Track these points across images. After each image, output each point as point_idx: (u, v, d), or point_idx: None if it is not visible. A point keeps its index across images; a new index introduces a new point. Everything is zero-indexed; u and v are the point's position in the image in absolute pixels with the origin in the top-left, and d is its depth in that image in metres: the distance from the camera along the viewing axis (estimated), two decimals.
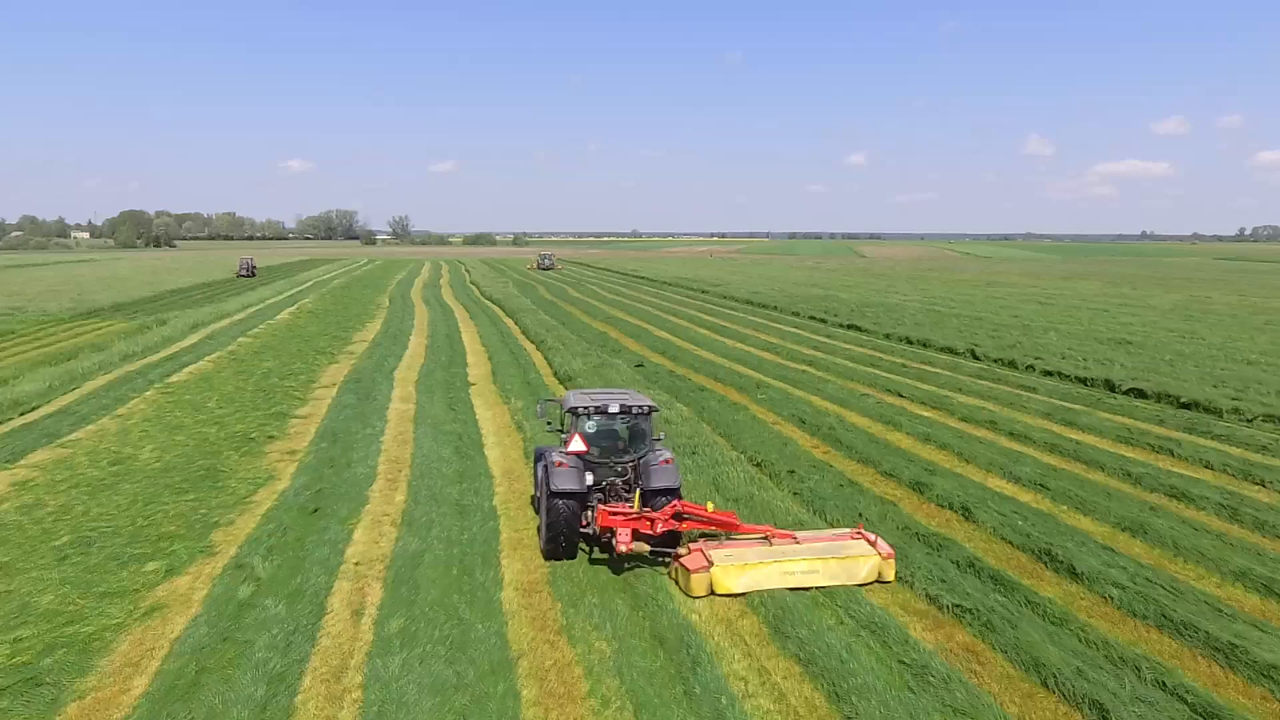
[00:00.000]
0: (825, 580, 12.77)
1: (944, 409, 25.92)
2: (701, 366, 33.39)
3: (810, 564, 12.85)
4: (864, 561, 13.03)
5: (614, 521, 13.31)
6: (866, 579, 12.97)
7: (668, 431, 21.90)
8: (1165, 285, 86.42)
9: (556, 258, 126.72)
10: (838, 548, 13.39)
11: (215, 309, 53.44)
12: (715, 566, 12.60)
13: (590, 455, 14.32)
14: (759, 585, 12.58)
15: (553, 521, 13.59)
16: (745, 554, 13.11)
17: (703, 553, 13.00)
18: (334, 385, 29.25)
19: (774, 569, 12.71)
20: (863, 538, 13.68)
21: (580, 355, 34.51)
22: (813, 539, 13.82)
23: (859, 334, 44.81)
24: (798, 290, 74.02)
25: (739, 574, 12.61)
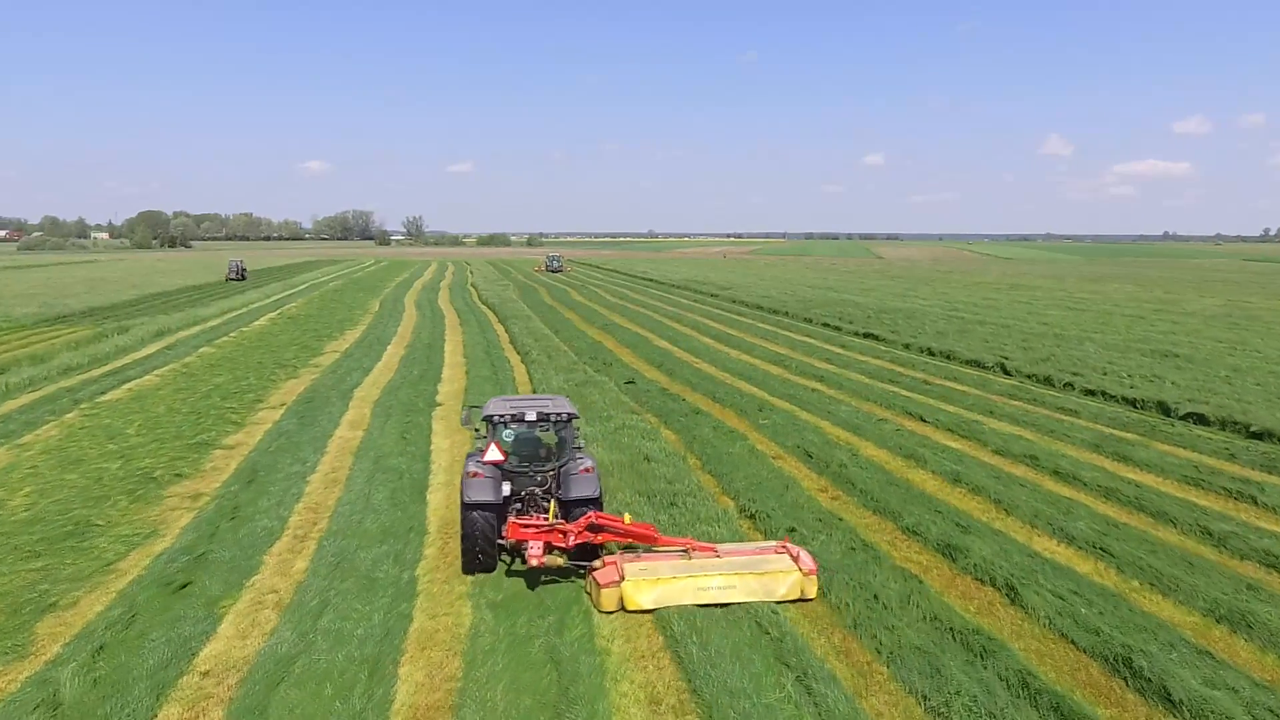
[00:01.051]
0: (742, 596, 12.25)
1: (974, 438, 22.34)
2: (700, 383, 29.90)
3: (727, 579, 12.36)
4: (784, 578, 12.48)
5: (525, 534, 12.80)
6: (786, 596, 12.42)
7: (644, 470, 18.48)
8: (1199, 288, 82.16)
9: (565, 259, 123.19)
10: (758, 562, 12.83)
11: (190, 314, 50.37)
12: (626, 581, 12.14)
13: (508, 465, 13.90)
14: (671, 601, 12.09)
15: (467, 534, 13.15)
16: (660, 568, 12.59)
17: (617, 566, 12.52)
18: (282, 406, 25.96)
19: (688, 584, 12.24)
20: (786, 551, 13.11)
21: (565, 370, 31.08)
22: (735, 552, 13.29)
23: (876, 344, 41.16)
24: (811, 294, 70.36)
25: (651, 589, 12.15)
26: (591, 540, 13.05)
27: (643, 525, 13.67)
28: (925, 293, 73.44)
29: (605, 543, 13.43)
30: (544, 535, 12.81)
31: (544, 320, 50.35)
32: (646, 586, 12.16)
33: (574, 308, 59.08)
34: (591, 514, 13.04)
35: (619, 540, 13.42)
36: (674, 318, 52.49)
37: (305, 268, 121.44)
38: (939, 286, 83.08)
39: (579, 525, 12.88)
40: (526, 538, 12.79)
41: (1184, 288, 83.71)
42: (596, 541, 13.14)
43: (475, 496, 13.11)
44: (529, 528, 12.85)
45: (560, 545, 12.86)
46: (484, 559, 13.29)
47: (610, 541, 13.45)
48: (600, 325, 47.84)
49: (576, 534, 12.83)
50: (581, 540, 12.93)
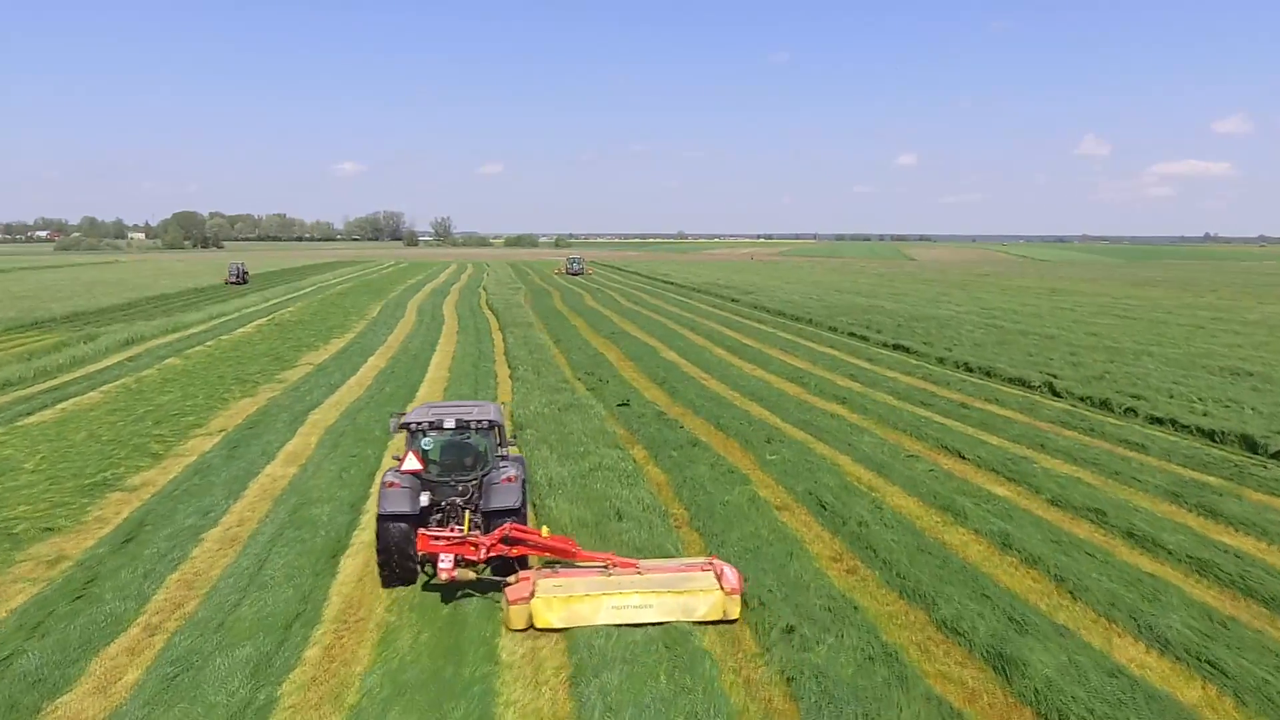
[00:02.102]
0: (659, 616, 11.72)
1: (1024, 482, 18.55)
2: (704, 405, 26.27)
3: (644, 598, 11.81)
4: (704, 597, 11.92)
5: (435, 547, 12.28)
6: (707, 616, 11.86)
7: (611, 532, 14.92)
8: (1256, 294, 77.04)
9: (587, 262, 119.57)
10: (678, 580, 12.25)
11: (173, 321, 47.47)
12: (536, 598, 11.69)
13: (429, 474, 13.42)
14: (584, 620, 11.58)
15: (383, 547, 12.71)
16: (575, 585, 12.07)
17: (531, 582, 12.00)
18: (221, 433, 22.70)
19: (602, 602, 11.73)
20: (712, 569, 12.45)
21: (551, 390, 27.57)
22: (658, 569, 12.65)
23: (906, 357, 37.24)
24: (838, 299, 66.34)
25: (562, 607, 11.65)
26: (507, 554, 12.50)
27: (562, 539, 13.09)
28: (959, 298, 69.16)
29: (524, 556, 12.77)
30: (455, 548, 12.26)
31: (548, 328, 46.92)
32: (558, 604, 11.64)
33: (584, 314, 55.60)
34: (507, 526, 12.47)
35: (537, 554, 12.84)
36: (688, 325, 48.83)
37: (321, 269, 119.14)
38: (974, 291, 78.67)
39: (493, 538, 12.33)
40: (437, 550, 12.24)
41: (1238, 293, 78.62)
42: (512, 555, 12.56)
43: (390, 507, 12.64)
44: (439, 540, 12.30)
45: (472, 558, 12.33)
46: (400, 572, 12.86)
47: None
48: (607, 334, 44.29)
49: (489, 547, 12.29)
50: (497, 553, 12.42)
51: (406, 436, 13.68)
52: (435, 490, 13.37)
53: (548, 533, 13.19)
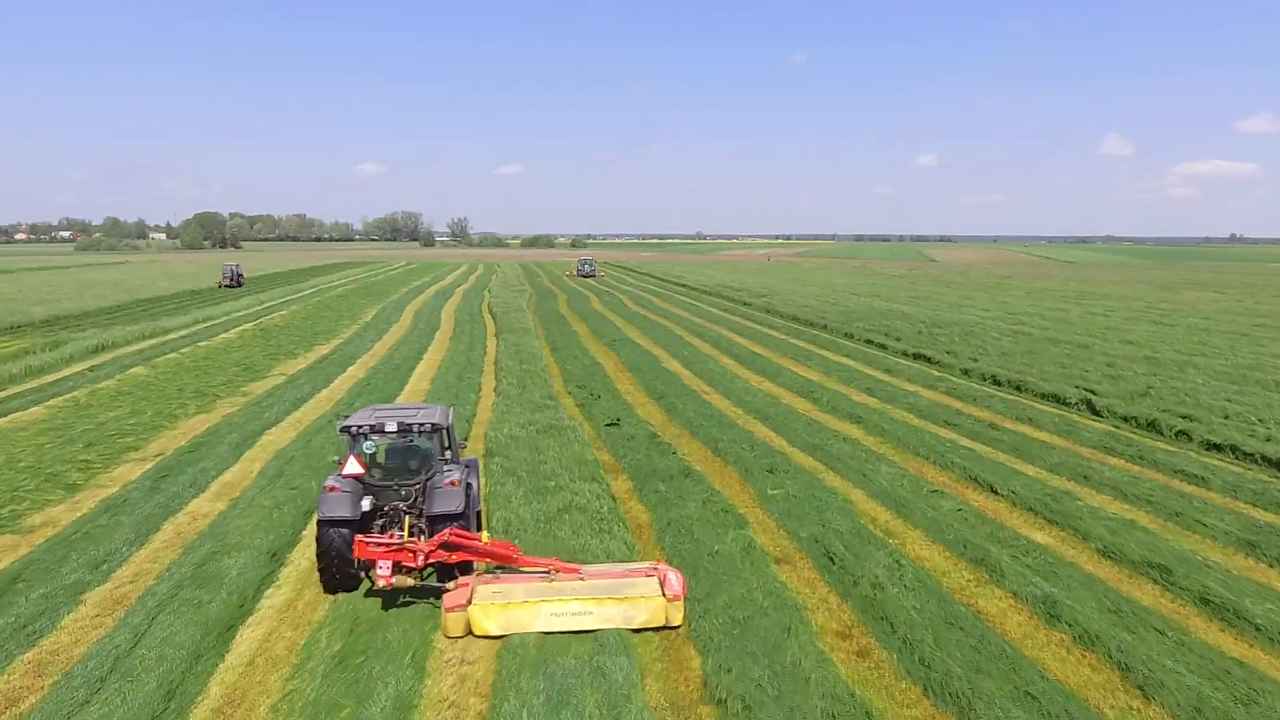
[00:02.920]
0: (599, 624, 11.34)
1: (1069, 525, 15.82)
2: (703, 425, 23.63)
3: (584, 605, 11.47)
4: (645, 604, 11.56)
5: (372, 553, 11.89)
6: (647, 623, 11.51)
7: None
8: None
9: (598, 263, 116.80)
10: (619, 587, 11.92)
11: (152, 325, 45.23)
12: (473, 605, 11.40)
13: (371, 478, 13.14)
14: (521, 627, 11.31)
15: (322, 552, 12.46)
16: (514, 591, 11.86)
17: (470, 588, 11.78)
18: (156, 458, 20.27)
19: (540, 609, 11.43)
20: (656, 574, 12.20)
21: (533, 407, 25.01)
22: (601, 575, 12.35)
23: (929, 368, 34.42)
24: (856, 303, 63.42)
25: (500, 613, 11.37)
26: (446, 560, 12.27)
27: (502, 544, 12.78)
28: (983, 301, 66.07)
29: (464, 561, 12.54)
30: (393, 554, 11.98)
31: (547, 334, 44.37)
32: (495, 611, 11.46)
33: (588, 318, 53.00)
34: (447, 531, 12.23)
35: (478, 560, 12.65)
36: (695, 331, 46.13)
37: (330, 270, 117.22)
38: (998, 294, 75.50)
39: (432, 544, 12.10)
40: (374, 556, 11.97)
41: (1275, 296, 75.06)
42: (451, 561, 12.34)
43: (329, 512, 12.44)
44: (377, 546, 12.00)
45: (410, 565, 12.05)
46: (341, 578, 12.67)
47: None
48: (608, 340, 41.67)
49: (427, 553, 12.04)
50: (436, 559, 12.22)
51: (348, 440, 13.31)
52: (378, 495, 13.15)
53: (488, 538, 12.66)
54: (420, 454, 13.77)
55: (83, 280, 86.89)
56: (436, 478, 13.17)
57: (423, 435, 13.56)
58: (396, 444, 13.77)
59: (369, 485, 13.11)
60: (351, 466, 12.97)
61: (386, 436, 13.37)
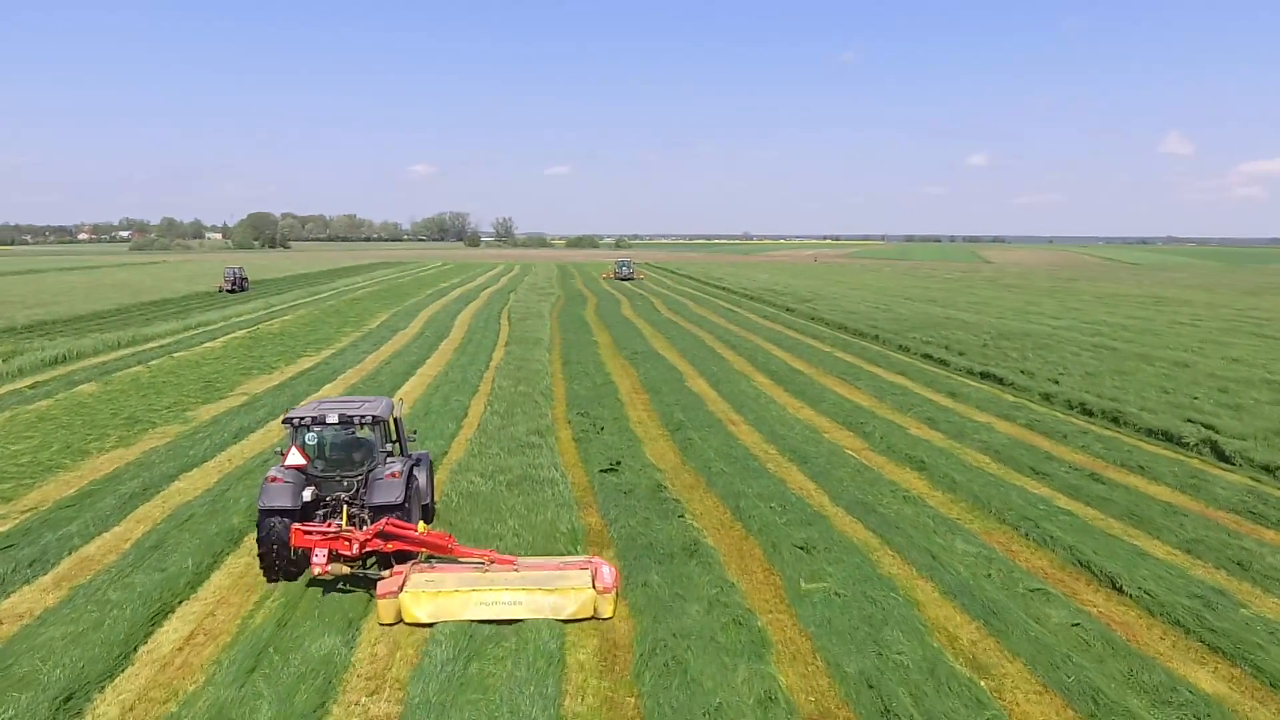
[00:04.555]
0: (528, 614, 11.59)
1: (1240, 657, 10.76)
2: (723, 472, 18.81)
3: (514, 595, 11.73)
4: (575, 595, 11.72)
5: (308, 541, 12.15)
6: (576, 614, 11.67)
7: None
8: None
9: (636, 265, 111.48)
10: (550, 578, 12.12)
11: (138, 332, 41.49)
12: (405, 592, 11.68)
13: (314, 469, 13.35)
14: (451, 615, 11.59)
15: (262, 539, 12.67)
16: (447, 580, 12.08)
17: (403, 576, 12.04)
18: (27, 513, 16.01)
19: (470, 598, 11.69)
20: (589, 567, 12.36)
21: (516, 445, 20.36)
22: (535, 566, 12.62)
23: (1000, 390, 29.14)
24: (911, 309, 57.85)
25: (430, 601, 11.67)
26: (382, 548, 12.41)
27: (439, 535, 12.88)
28: (1051, 308, 60.07)
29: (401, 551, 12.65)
30: (329, 542, 12.14)
31: (564, 344, 39.76)
32: (426, 599, 11.65)
33: (613, 326, 48.29)
34: (384, 521, 12.38)
35: (413, 549, 12.64)
36: (729, 342, 41.15)
37: (362, 270, 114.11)
38: (1066, 299, 69.26)
39: (368, 533, 12.28)
40: (309, 545, 12.12)
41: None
42: (387, 550, 12.48)
43: (270, 502, 12.63)
44: (313, 534, 12.15)
45: (346, 553, 12.20)
46: (281, 566, 12.78)
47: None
48: (630, 353, 36.93)
49: (362, 542, 12.20)
50: (373, 548, 12.35)
51: (290, 431, 13.43)
52: (321, 485, 13.37)
53: (424, 528, 12.88)
54: (363, 446, 13.82)
55: (103, 282, 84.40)
56: (378, 469, 13.45)
57: (364, 427, 13.71)
58: (339, 435, 13.80)
59: (311, 476, 13.32)
60: (293, 457, 13.12)
61: (329, 428, 13.50)
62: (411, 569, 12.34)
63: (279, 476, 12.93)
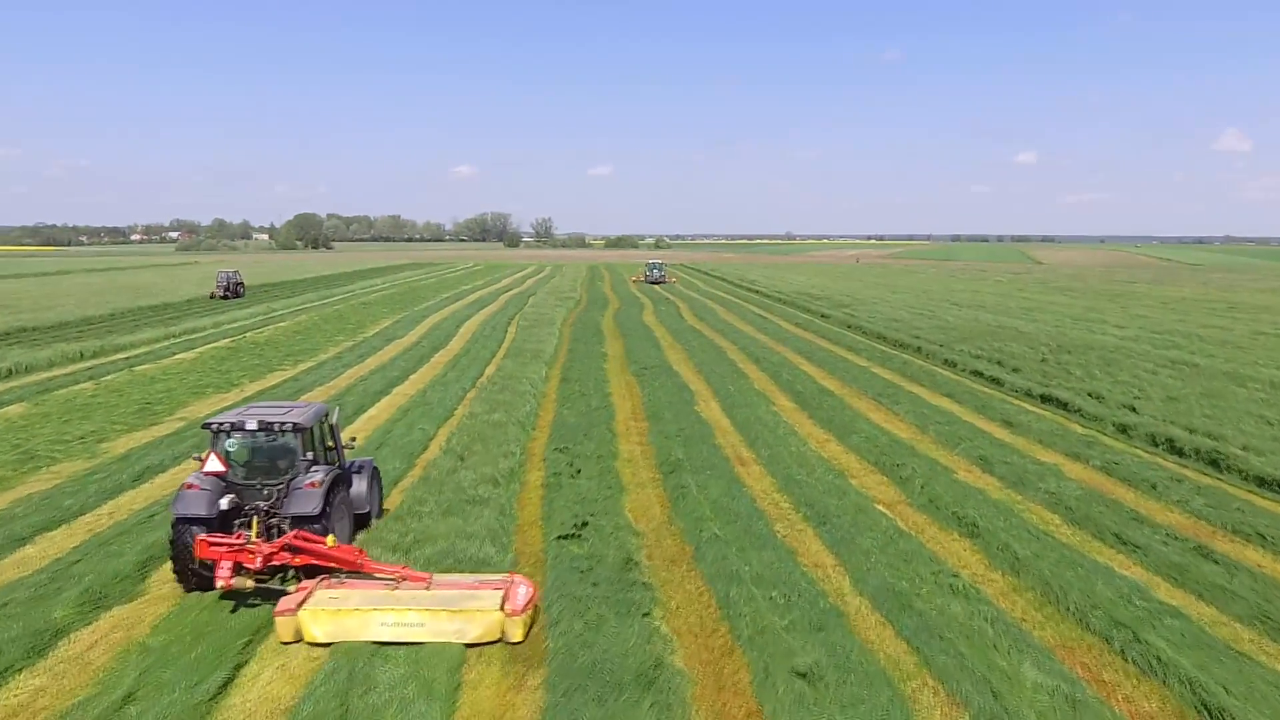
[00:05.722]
0: (429, 636, 11.00)
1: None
2: (714, 539, 14.74)
3: (418, 616, 11.09)
4: (481, 617, 11.11)
5: (211, 553, 11.80)
6: (481, 638, 11.08)
7: None
8: None
9: (669, 267, 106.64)
10: (460, 599, 11.47)
11: (115, 341, 38.36)
12: (303, 610, 11.13)
13: (234, 476, 13.06)
14: (352, 635, 11.00)
15: (175, 551, 12.35)
16: (352, 597, 11.50)
17: (307, 592, 11.55)
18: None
19: (371, 618, 11.07)
20: (502, 588, 11.68)
21: (455, 503, 16.39)
22: (449, 585, 11.99)
23: (1065, 418, 24.66)
24: (957, 315, 53.03)
25: (329, 620, 11.07)
26: (290, 562, 12.07)
27: (349, 549, 12.36)
28: (1114, 314, 54.86)
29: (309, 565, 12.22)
30: (232, 555, 11.77)
31: (569, 356, 35.86)
32: (325, 617, 11.09)
33: (630, 334, 44.26)
34: (291, 534, 12.15)
35: (322, 564, 12.15)
36: (753, 355, 36.89)
37: (384, 272, 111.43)
38: (1128, 304, 63.82)
39: (273, 546, 11.91)
40: (213, 556, 11.78)
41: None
42: (295, 564, 12.14)
43: (184, 510, 12.36)
44: (217, 546, 11.80)
45: (251, 566, 11.79)
46: (197, 578, 12.38)
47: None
48: (639, 368, 32.90)
49: (265, 555, 11.82)
50: (279, 561, 12.01)
51: (210, 437, 13.20)
52: (241, 494, 12.96)
53: (333, 541, 12.16)
54: (286, 454, 13.38)
55: (116, 284, 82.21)
56: (298, 478, 13.03)
57: (286, 434, 13.22)
58: (261, 443, 13.41)
59: (232, 484, 12.97)
60: (212, 464, 12.90)
61: (249, 434, 13.17)
62: (319, 585, 11.89)
63: (196, 483, 12.61)
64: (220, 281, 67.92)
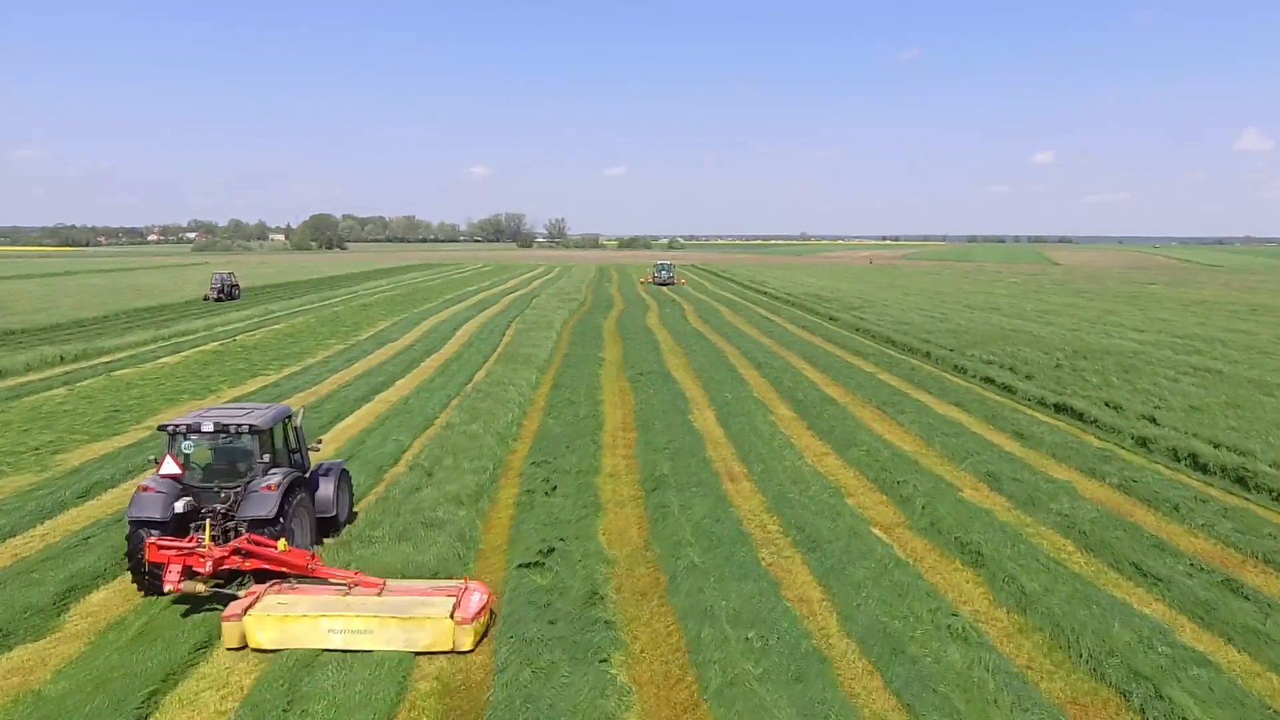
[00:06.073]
0: (377, 645, 10.63)
1: None
2: (691, 569, 13.47)
3: (366, 623, 10.70)
4: (430, 626, 10.70)
5: (161, 556, 11.48)
6: (430, 647, 10.71)
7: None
8: None
9: (677, 268, 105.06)
10: (410, 605, 11.09)
11: (97, 345, 37.42)
12: (249, 615, 10.81)
13: (191, 479, 12.90)
14: (299, 642, 10.67)
15: (131, 552, 12.18)
16: (301, 603, 11.15)
17: (256, 597, 11.25)
18: None
19: (319, 624, 10.69)
20: (454, 595, 11.27)
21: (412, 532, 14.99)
22: (402, 591, 11.58)
23: (1081, 429, 23.27)
24: (970, 319, 51.47)
25: (275, 626, 10.73)
26: (240, 566, 11.75)
27: (300, 553, 12.01)
28: (1132, 317, 53.18)
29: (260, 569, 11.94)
30: (182, 558, 11.41)
31: (564, 361, 34.63)
32: (271, 623, 10.76)
33: (631, 338, 42.99)
34: (242, 537, 11.88)
35: (273, 568, 11.84)
36: (755, 360, 35.51)
37: (394, 272, 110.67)
38: (1146, 306, 62.08)
39: (224, 549, 11.60)
40: (163, 560, 11.47)
41: None
42: (245, 568, 11.81)
43: (138, 513, 12.13)
44: (167, 549, 11.48)
45: (200, 570, 11.41)
46: (153, 581, 12.01)
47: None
48: (635, 374, 31.64)
49: (215, 560, 11.44)
50: (230, 565, 11.68)
51: (166, 439, 12.99)
52: (199, 497, 12.79)
53: (285, 546, 11.81)
54: (243, 456, 13.12)
55: (118, 285, 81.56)
56: (255, 481, 12.75)
57: (242, 437, 12.90)
58: (218, 445, 13.15)
59: (189, 486, 12.80)
60: (168, 466, 12.69)
61: (205, 437, 12.93)
62: (269, 589, 11.61)
63: (151, 486, 12.45)
64: (214, 284, 65.84)
